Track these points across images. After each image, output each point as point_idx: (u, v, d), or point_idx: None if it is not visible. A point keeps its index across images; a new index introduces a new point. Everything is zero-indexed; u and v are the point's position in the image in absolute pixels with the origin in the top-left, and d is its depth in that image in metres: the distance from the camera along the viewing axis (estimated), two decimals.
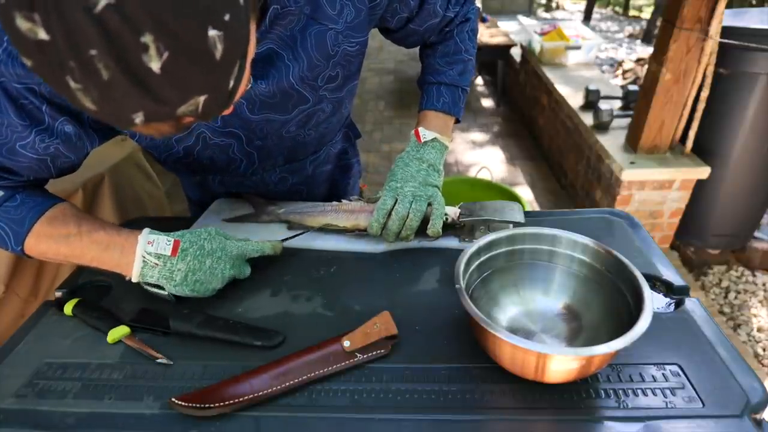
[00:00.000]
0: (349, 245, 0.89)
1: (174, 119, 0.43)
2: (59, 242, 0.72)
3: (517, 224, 0.85)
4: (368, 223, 0.87)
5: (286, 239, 0.85)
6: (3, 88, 0.64)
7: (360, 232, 0.89)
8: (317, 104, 0.85)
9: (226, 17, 0.40)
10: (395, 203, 0.84)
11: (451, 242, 0.89)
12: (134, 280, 0.71)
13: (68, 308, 0.76)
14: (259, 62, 0.75)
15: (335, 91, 0.86)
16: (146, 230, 0.72)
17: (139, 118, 0.41)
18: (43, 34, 0.35)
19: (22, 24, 0.35)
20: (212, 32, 0.38)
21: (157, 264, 0.70)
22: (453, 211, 0.88)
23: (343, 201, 0.93)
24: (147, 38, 0.35)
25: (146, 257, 0.70)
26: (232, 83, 0.44)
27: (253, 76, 0.74)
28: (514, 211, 0.91)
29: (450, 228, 0.88)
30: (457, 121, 0.97)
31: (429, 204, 0.84)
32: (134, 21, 0.34)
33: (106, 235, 0.72)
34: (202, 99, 0.42)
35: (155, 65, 0.37)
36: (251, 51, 0.47)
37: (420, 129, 0.90)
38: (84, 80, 0.37)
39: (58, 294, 0.80)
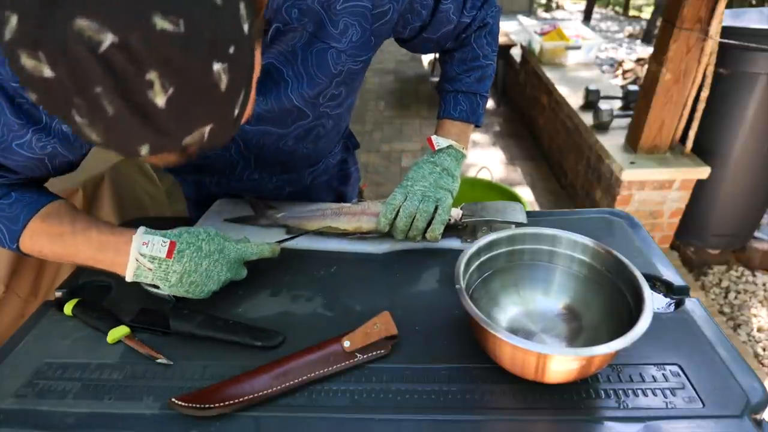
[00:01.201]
0: (350, 246, 0.89)
1: (179, 150, 0.44)
2: (53, 241, 0.71)
3: (519, 224, 0.85)
4: (370, 226, 0.87)
5: (283, 241, 0.85)
6: (0, 87, 0.63)
7: (362, 235, 0.89)
8: (317, 120, 0.84)
9: (231, 50, 0.40)
10: (405, 200, 0.83)
11: (453, 243, 0.89)
12: (129, 280, 0.70)
13: (68, 308, 0.76)
14: (259, 77, 0.75)
15: (336, 108, 0.85)
16: (141, 229, 0.69)
17: (144, 150, 0.42)
18: (48, 72, 0.35)
19: (27, 62, 0.35)
20: (217, 66, 0.39)
21: (150, 268, 0.68)
22: (455, 212, 0.88)
23: (343, 204, 0.93)
24: (152, 75, 0.36)
25: (140, 260, 0.67)
26: (237, 111, 0.44)
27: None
28: (516, 211, 0.90)
29: (452, 229, 0.88)
30: (477, 126, 0.96)
31: (436, 208, 0.84)
32: (139, 59, 0.35)
33: (100, 234, 0.71)
34: (207, 129, 0.42)
35: (160, 100, 0.37)
36: (256, 75, 0.47)
37: (433, 137, 0.90)
38: (90, 115, 0.38)
39: (58, 294, 0.80)
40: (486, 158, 3.62)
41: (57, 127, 0.68)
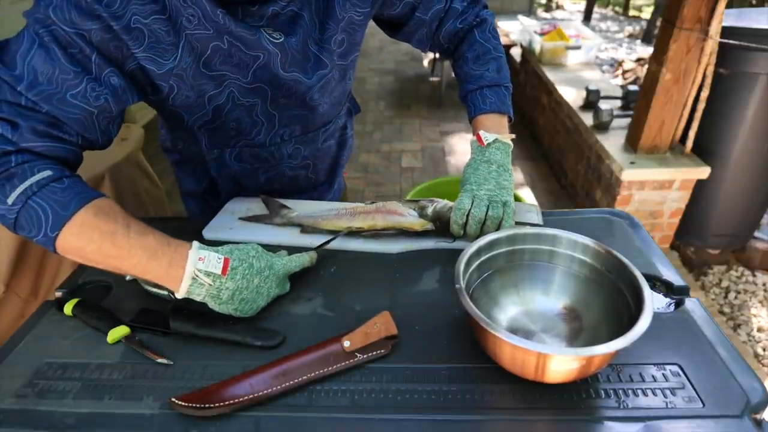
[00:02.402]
0: (365, 245, 0.89)
1: None
2: (104, 238, 0.65)
3: (534, 226, 0.85)
4: (385, 223, 0.87)
5: (321, 246, 0.85)
6: (54, 37, 0.64)
7: (376, 232, 0.89)
8: (331, 70, 0.88)
9: None
10: (471, 206, 0.84)
11: (456, 243, 0.88)
12: (180, 296, 0.67)
13: (68, 308, 0.76)
14: (287, 22, 0.79)
15: (341, 58, 0.89)
16: (196, 244, 0.69)
17: None
18: None
19: None
20: None
21: (208, 284, 0.67)
22: None
23: (357, 203, 0.93)
24: None
25: (197, 275, 0.66)
26: None
27: (284, 33, 0.79)
28: (531, 212, 0.90)
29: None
30: (510, 120, 0.96)
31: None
32: None
33: (156, 241, 0.67)
34: None
35: None
36: None
37: (481, 132, 0.90)
38: None
39: (58, 294, 0.80)
40: None
41: (106, 79, 0.69)
